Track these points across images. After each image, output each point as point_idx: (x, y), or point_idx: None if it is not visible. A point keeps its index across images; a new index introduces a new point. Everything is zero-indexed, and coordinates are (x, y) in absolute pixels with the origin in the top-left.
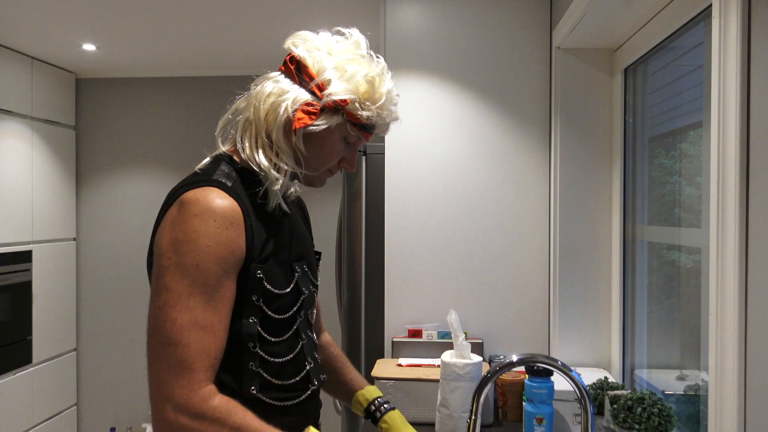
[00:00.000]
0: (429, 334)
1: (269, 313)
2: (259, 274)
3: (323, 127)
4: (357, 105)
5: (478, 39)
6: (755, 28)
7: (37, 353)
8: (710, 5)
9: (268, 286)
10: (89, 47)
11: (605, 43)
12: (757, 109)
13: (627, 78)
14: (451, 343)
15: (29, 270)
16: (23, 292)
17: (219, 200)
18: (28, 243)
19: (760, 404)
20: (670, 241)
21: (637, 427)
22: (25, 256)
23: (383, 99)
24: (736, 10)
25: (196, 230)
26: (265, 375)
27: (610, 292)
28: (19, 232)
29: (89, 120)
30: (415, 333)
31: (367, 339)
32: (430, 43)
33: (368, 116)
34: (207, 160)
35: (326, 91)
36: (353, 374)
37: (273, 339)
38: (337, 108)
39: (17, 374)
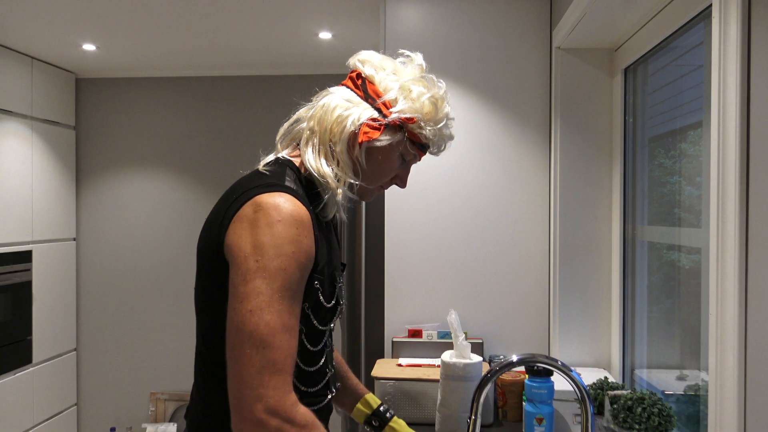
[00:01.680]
0: (429, 334)
1: (314, 322)
2: (317, 284)
3: (386, 143)
4: (420, 124)
5: (478, 39)
6: (755, 28)
7: (37, 353)
8: (710, 5)
9: (321, 298)
10: (89, 47)
11: (605, 43)
12: (757, 109)
13: (627, 78)
14: (451, 343)
15: (29, 270)
16: (23, 292)
17: (297, 208)
18: (28, 243)
19: (760, 404)
20: (670, 241)
21: (637, 427)
22: (25, 256)
23: (444, 121)
24: (736, 10)
25: (281, 235)
26: (294, 381)
27: (610, 292)
28: (19, 232)
29: (89, 120)
30: (415, 333)
31: (367, 339)
32: (430, 43)
33: (428, 136)
34: (270, 159)
35: (393, 109)
36: (356, 380)
37: (311, 348)
38: (401, 126)
39: (17, 374)
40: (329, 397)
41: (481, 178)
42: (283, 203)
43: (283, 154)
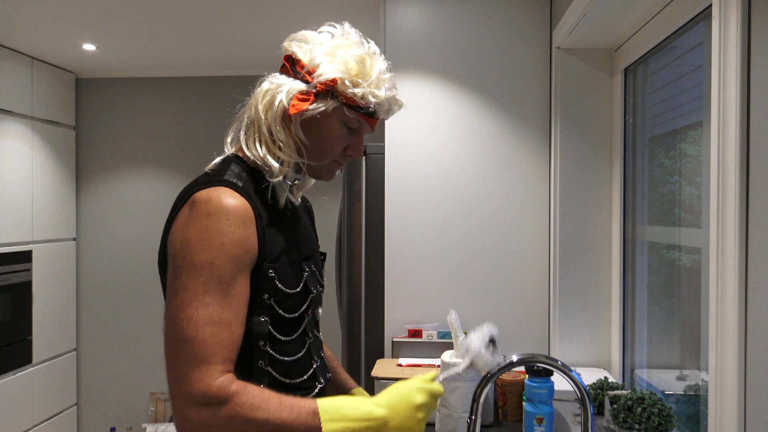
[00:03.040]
0: (429, 334)
1: (280, 312)
2: (271, 273)
3: (318, 110)
4: (348, 84)
5: (478, 39)
6: (755, 28)
7: (37, 353)
8: (710, 5)
9: (280, 286)
10: (89, 47)
11: (605, 43)
12: (757, 109)
13: (627, 78)
14: (451, 343)
15: (29, 270)
16: (23, 292)
17: (231, 199)
18: (28, 243)
19: (760, 404)
20: (670, 241)
21: (637, 427)
22: (25, 256)
23: (374, 76)
24: (736, 10)
25: (209, 229)
26: (273, 373)
27: (610, 292)
28: (19, 232)
29: (89, 120)
30: (415, 333)
31: (367, 339)
32: (430, 43)
33: (362, 95)
34: (217, 160)
35: (315, 74)
36: (345, 374)
37: (283, 338)
38: (329, 90)
39: (17, 374)
40: (318, 387)
41: (480, 177)
42: (216, 197)
43: (232, 151)
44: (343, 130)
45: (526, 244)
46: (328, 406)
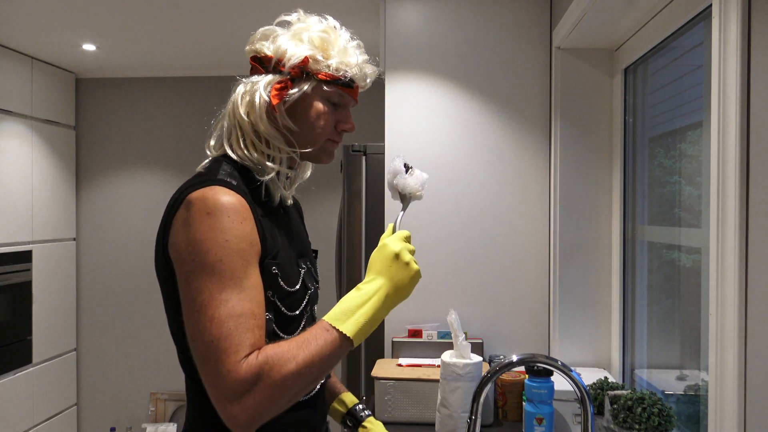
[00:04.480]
0: (429, 334)
1: (283, 309)
2: (274, 270)
3: (299, 93)
4: (319, 59)
5: (478, 39)
6: (755, 28)
7: (37, 353)
8: (710, 5)
9: (282, 284)
10: (89, 47)
11: (605, 43)
12: (757, 109)
13: (627, 78)
14: (451, 343)
15: (29, 270)
16: (23, 292)
17: (227, 197)
18: (28, 243)
19: (760, 404)
20: (670, 241)
21: (637, 427)
22: (25, 256)
23: (342, 45)
24: (736, 10)
25: (211, 228)
26: None
27: (610, 292)
28: (19, 232)
29: (89, 120)
30: (415, 333)
31: (367, 339)
32: (430, 43)
33: (335, 66)
34: (207, 161)
35: (285, 60)
36: (335, 378)
37: (285, 336)
38: (303, 71)
39: (17, 374)
40: (319, 384)
41: (480, 178)
42: (212, 195)
43: (216, 154)
44: (328, 107)
45: (526, 244)
46: (333, 313)
